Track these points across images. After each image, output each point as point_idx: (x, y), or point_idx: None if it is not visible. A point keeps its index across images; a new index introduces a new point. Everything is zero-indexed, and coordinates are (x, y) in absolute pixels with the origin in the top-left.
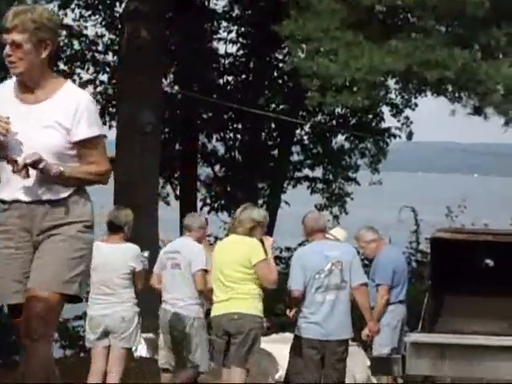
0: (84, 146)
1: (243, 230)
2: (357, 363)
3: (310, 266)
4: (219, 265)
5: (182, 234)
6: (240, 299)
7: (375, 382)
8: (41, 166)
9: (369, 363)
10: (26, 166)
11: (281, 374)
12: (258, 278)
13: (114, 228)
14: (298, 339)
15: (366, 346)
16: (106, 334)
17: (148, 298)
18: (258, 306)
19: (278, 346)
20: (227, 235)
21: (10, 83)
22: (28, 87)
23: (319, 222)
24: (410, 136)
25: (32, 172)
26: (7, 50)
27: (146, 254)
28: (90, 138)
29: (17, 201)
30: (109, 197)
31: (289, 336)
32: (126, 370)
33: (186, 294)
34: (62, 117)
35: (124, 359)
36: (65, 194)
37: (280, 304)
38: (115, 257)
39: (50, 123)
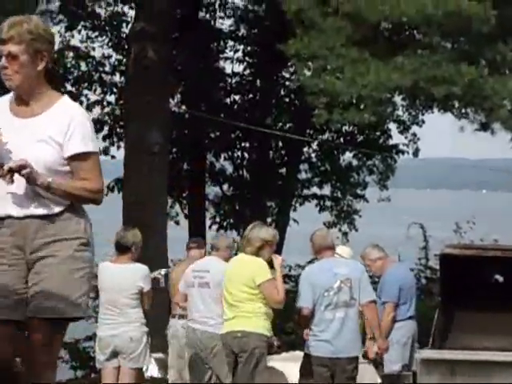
0: (76, 162)
1: (251, 249)
2: (366, 381)
3: (318, 284)
4: (226, 284)
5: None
6: (244, 317)
7: None
8: (25, 171)
9: (379, 381)
10: (10, 170)
11: None
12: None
13: (121, 248)
14: (308, 357)
15: (377, 364)
16: (115, 354)
17: (157, 317)
18: (263, 324)
19: (289, 365)
20: (236, 254)
21: (7, 97)
22: (23, 101)
23: (327, 239)
24: (416, 153)
25: (20, 181)
26: (3, 61)
27: (163, 271)
28: (82, 152)
29: (9, 216)
30: (118, 216)
31: (299, 354)
32: None
33: (215, 313)
34: (56, 131)
35: (134, 379)
36: (57, 209)
37: (290, 322)
38: (123, 277)
39: (44, 138)
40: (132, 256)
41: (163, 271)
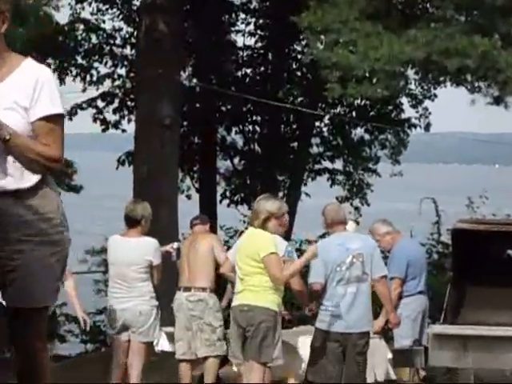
0: (40, 125)
1: (258, 222)
2: (377, 356)
3: (331, 259)
4: (236, 257)
5: None
6: (251, 291)
7: (393, 377)
8: None
9: (390, 356)
10: None
11: (304, 366)
12: None
13: (131, 222)
14: (320, 332)
15: (387, 339)
16: (125, 327)
17: (167, 291)
18: (270, 298)
19: (300, 339)
20: (247, 228)
21: None
22: None
23: (339, 213)
24: (427, 127)
25: None
26: None
27: (176, 245)
28: (50, 115)
29: None
30: (129, 190)
31: (310, 329)
32: (147, 364)
33: None
34: (21, 96)
35: (144, 353)
36: (30, 183)
37: None
38: (133, 251)
39: (10, 105)
40: (142, 229)
41: (175, 245)
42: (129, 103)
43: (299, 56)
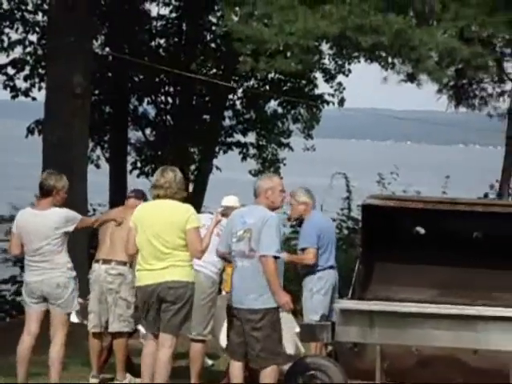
0: None
1: None
2: (285, 330)
3: (229, 229)
4: None
5: (111, 198)
6: None
7: (303, 350)
8: None
9: (298, 330)
10: None
11: None
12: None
13: (41, 192)
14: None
15: (296, 313)
16: (44, 299)
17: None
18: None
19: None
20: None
21: None
22: None
23: (257, 185)
24: (341, 102)
25: None
26: None
27: None
28: None
29: None
30: (38, 159)
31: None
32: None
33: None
34: None
35: (66, 324)
36: None
37: None
38: (43, 224)
39: None
40: (54, 200)
41: None
42: (40, 71)
43: (213, 28)
